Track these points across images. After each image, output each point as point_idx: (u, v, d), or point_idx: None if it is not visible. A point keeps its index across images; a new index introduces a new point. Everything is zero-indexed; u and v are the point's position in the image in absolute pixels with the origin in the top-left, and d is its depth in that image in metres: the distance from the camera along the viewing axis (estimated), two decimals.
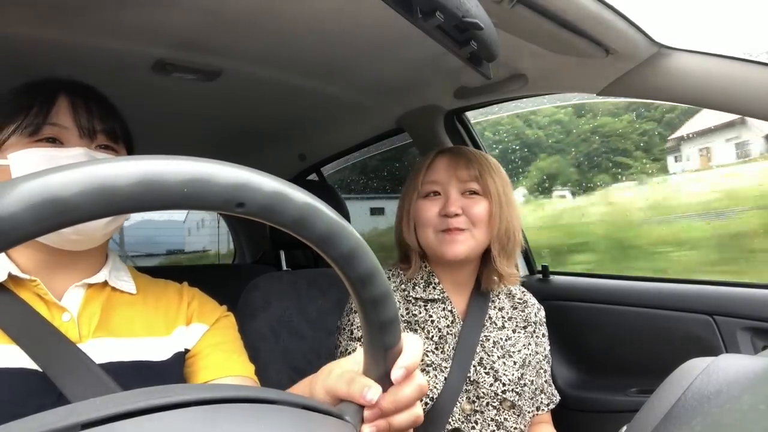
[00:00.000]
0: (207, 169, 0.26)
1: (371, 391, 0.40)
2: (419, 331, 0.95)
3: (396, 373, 0.40)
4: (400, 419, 0.42)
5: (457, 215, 0.92)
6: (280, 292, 1.24)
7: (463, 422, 0.90)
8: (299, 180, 2.03)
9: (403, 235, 1.00)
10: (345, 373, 0.43)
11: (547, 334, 1.06)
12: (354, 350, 0.88)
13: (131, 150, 0.76)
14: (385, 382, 0.41)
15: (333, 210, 0.31)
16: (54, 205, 0.23)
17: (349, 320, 0.98)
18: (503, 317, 1.01)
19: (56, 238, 0.64)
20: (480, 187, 0.95)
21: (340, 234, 0.32)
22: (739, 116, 0.91)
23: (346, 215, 1.43)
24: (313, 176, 2.14)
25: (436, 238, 0.95)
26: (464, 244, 0.93)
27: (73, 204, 0.23)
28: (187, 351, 0.73)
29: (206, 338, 0.74)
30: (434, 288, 0.98)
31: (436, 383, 0.90)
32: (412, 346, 0.42)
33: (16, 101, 0.66)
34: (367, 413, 0.41)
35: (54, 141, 0.66)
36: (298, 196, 0.30)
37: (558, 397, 1.05)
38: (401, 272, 1.02)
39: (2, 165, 0.64)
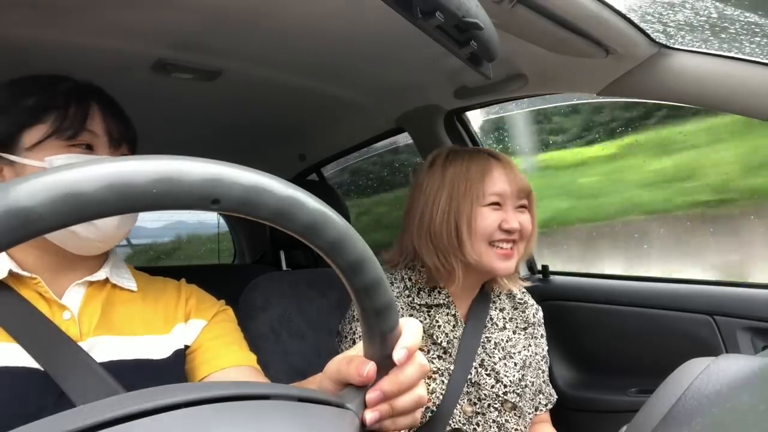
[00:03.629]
0: (176, 167, 0.25)
1: (366, 367, 0.39)
2: (425, 338, 0.93)
3: (399, 354, 0.40)
4: (403, 401, 0.41)
5: (517, 231, 0.91)
6: (280, 292, 1.24)
7: (464, 424, 0.90)
8: (299, 180, 2.03)
9: (462, 242, 0.89)
10: (345, 357, 0.43)
11: (545, 334, 1.06)
12: None
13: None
14: (387, 366, 0.40)
15: (315, 198, 0.30)
16: (19, 216, 0.22)
17: (351, 328, 0.96)
18: (504, 318, 1.01)
19: (81, 244, 0.65)
20: (527, 201, 0.95)
21: (324, 222, 0.30)
22: None
23: (345, 215, 1.43)
24: (313, 176, 2.14)
25: (486, 251, 0.90)
26: (515, 260, 0.92)
27: (37, 214, 0.22)
28: (187, 347, 0.73)
29: (205, 333, 0.74)
30: (439, 293, 0.97)
31: (437, 386, 0.90)
32: (411, 328, 0.41)
33: (43, 100, 0.66)
34: (369, 397, 0.40)
35: (89, 147, 0.67)
36: (276, 188, 0.28)
37: (555, 397, 1.05)
38: (406, 278, 0.99)
39: (37, 166, 0.63)
